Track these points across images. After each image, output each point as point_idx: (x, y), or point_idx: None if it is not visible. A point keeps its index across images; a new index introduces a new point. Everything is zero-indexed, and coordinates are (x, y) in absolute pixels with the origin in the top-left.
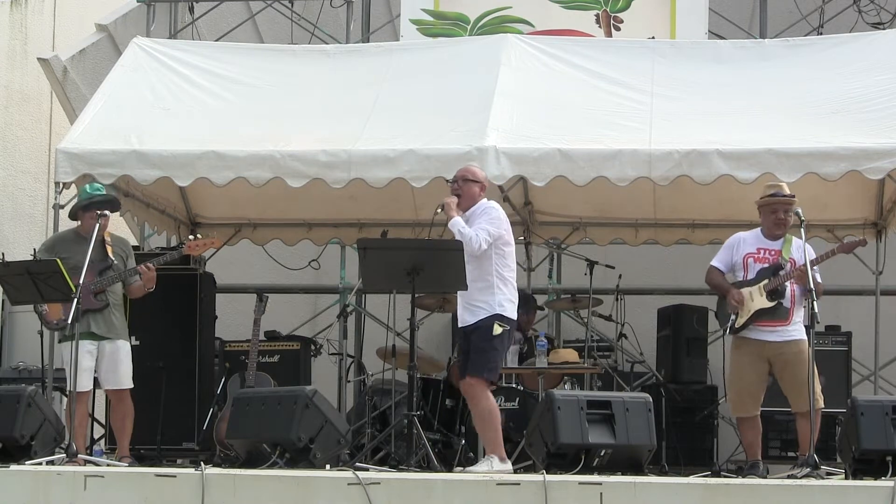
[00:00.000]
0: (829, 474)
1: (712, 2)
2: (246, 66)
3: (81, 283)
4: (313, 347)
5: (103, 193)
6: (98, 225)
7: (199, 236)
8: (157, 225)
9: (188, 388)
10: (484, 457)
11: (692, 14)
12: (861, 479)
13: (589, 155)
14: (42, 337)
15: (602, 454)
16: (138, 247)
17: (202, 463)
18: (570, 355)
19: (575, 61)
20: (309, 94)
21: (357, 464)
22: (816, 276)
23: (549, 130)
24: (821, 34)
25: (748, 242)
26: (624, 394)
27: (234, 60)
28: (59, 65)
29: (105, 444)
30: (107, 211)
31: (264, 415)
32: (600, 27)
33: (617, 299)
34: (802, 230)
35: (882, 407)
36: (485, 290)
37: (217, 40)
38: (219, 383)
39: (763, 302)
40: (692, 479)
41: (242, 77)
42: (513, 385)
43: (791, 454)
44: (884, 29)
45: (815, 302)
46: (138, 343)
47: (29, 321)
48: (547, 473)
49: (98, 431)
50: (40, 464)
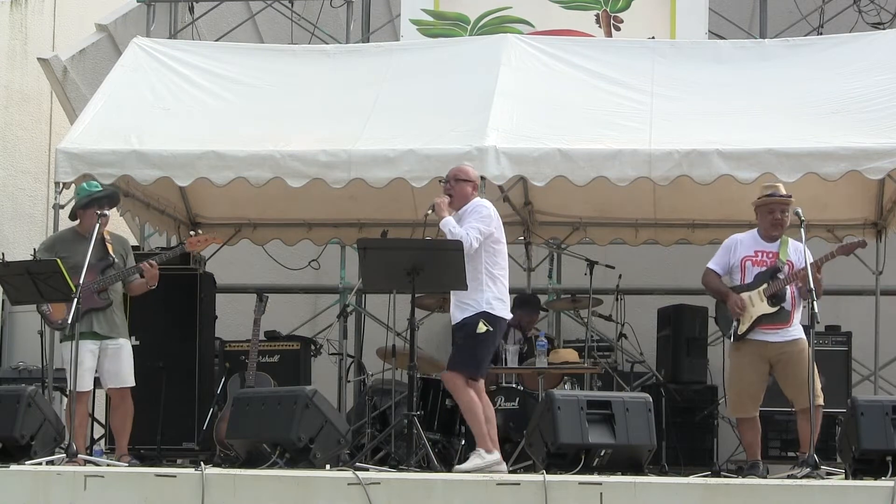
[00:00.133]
0: (829, 474)
1: (712, 2)
2: (246, 66)
3: (83, 283)
4: (313, 347)
5: (101, 189)
6: (98, 224)
7: (200, 232)
8: (157, 225)
9: (188, 388)
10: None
11: (692, 14)
12: (861, 479)
13: (589, 155)
14: (42, 337)
15: (602, 454)
16: (138, 246)
17: (202, 463)
18: (570, 355)
19: (575, 61)
20: (309, 94)
21: (357, 464)
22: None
23: (549, 130)
24: (821, 34)
25: (745, 245)
26: (624, 394)
27: (234, 60)
28: (59, 65)
29: (105, 444)
30: (106, 210)
31: (264, 415)
32: (600, 27)
33: (617, 299)
34: (802, 230)
35: (882, 407)
36: (474, 288)
37: (217, 40)
38: (219, 383)
39: (765, 307)
40: (692, 479)
41: (242, 77)
42: (513, 385)
43: (791, 454)
44: (884, 29)
45: (816, 302)
46: (138, 343)
47: (29, 321)
48: (547, 473)
49: (98, 431)
50: (40, 464)
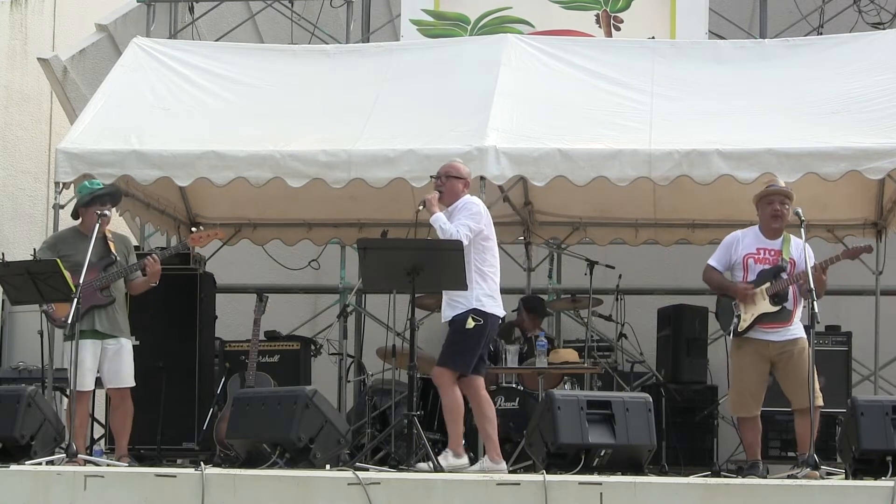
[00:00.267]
0: (829, 474)
1: (712, 2)
2: (246, 66)
3: (84, 281)
4: (313, 347)
5: (102, 187)
6: (99, 223)
7: (203, 228)
8: (157, 225)
9: (188, 388)
10: (484, 456)
11: (692, 14)
12: (861, 479)
13: (589, 155)
14: (42, 337)
15: (602, 454)
16: (138, 246)
17: (202, 463)
18: (570, 355)
19: (575, 61)
20: (309, 94)
21: (357, 464)
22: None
23: (549, 130)
24: (821, 34)
25: (746, 242)
26: (624, 394)
27: (234, 60)
28: (59, 65)
29: (105, 444)
30: (107, 210)
31: (264, 415)
32: (600, 27)
33: (617, 299)
34: (802, 230)
35: (882, 407)
36: None
37: (217, 40)
38: (219, 383)
39: (766, 306)
40: (692, 479)
41: (242, 77)
42: (513, 385)
43: (791, 454)
44: (884, 29)
45: (816, 302)
46: (138, 343)
47: (29, 321)
48: (547, 473)
49: (98, 431)
50: (40, 464)
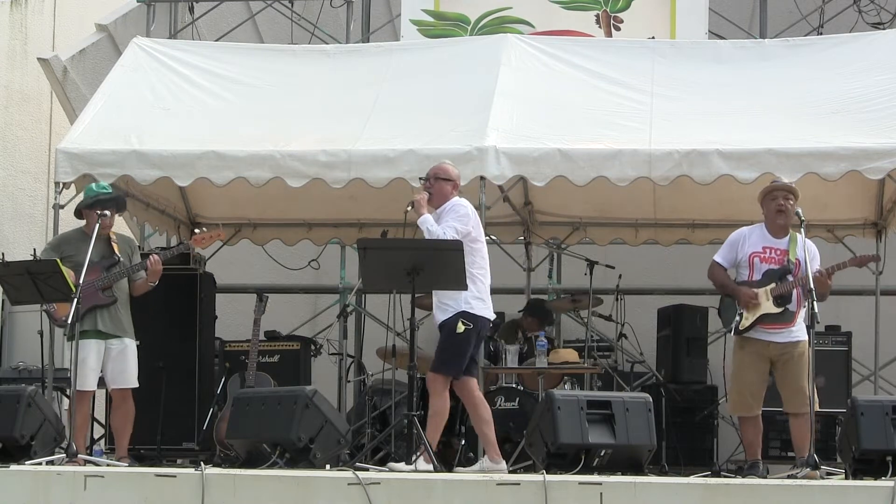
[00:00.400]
0: (829, 474)
1: (712, 2)
2: (246, 66)
3: (85, 281)
4: (313, 347)
5: (108, 192)
6: (98, 224)
7: (206, 229)
8: (157, 225)
9: (188, 388)
10: (484, 456)
11: (692, 14)
12: (861, 479)
13: (589, 155)
14: (42, 337)
15: (602, 454)
16: (139, 247)
17: (202, 463)
18: (570, 355)
19: (575, 61)
20: (309, 94)
21: (357, 464)
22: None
23: (549, 130)
24: (821, 34)
25: (753, 241)
26: (624, 394)
27: (234, 60)
28: (59, 65)
29: (105, 444)
30: (107, 211)
31: (264, 415)
32: (600, 27)
33: (617, 299)
34: (802, 230)
35: (882, 407)
36: None
37: (217, 40)
38: (219, 383)
39: (770, 307)
40: (692, 479)
41: (242, 77)
42: (513, 385)
43: (791, 454)
44: (884, 29)
45: (815, 302)
46: (138, 343)
47: (29, 321)
48: (547, 473)
49: (98, 431)
50: (40, 464)
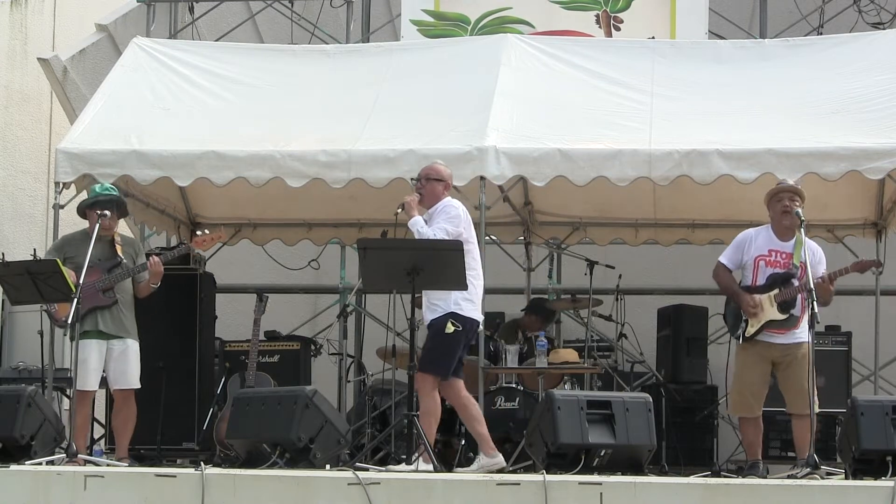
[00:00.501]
0: (829, 474)
1: (712, 2)
2: (246, 66)
3: (85, 282)
4: (313, 347)
5: (110, 193)
6: (98, 224)
7: (207, 231)
8: (157, 225)
9: (188, 388)
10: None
11: (692, 14)
12: (861, 479)
13: (589, 155)
14: (42, 337)
15: (602, 454)
16: None
17: (202, 463)
18: (570, 355)
19: (575, 61)
20: (309, 94)
21: (357, 464)
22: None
23: (549, 130)
24: (821, 34)
25: (759, 243)
26: (624, 394)
27: (234, 60)
28: (59, 65)
29: (105, 444)
30: (107, 211)
31: (264, 415)
32: (600, 27)
33: (617, 299)
34: (802, 230)
35: (882, 407)
36: None
37: (217, 40)
38: (219, 383)
39: (774, 314)
40: (692, 479)
41: (242, 77)
42: (513, 385)
43: (791, 454)
44: (884, 29)
45: (816, 302)
46: (139, 343)
47: (29, 321)
48: (547, 473)
49: (98, 431)
50: (40, 464)
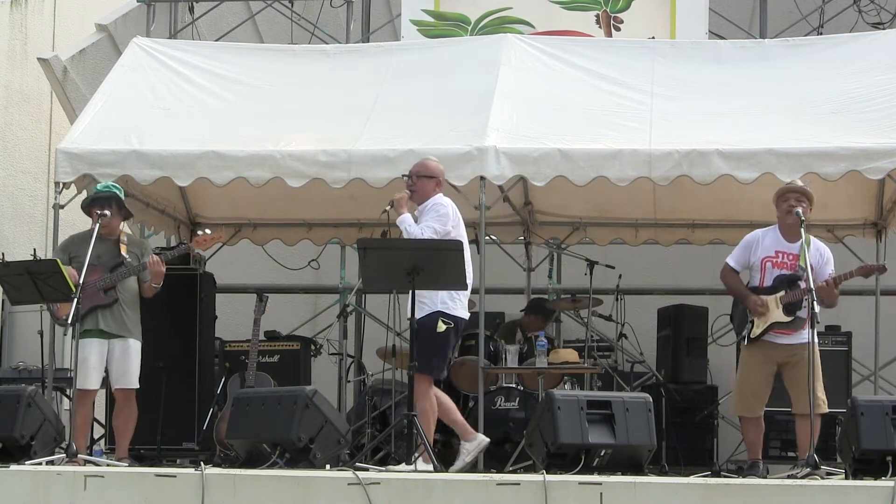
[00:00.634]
0: (829, 474)
1: (712, 2)
2: (246, 66)
3: (86, 281)
4: (313, 347)
5: (109, 190)
6: (98, 224)
7: (207, 231)
8: (157, 225)
9: (188, 388)
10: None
11: (692, 14)
12: (861, 479)
13: (589, 155)
14: (42, 337)
15: (602, 454)
16: None
17: (202, 463)
18: (570, 355)
19: (575, 61)
20: (309, 94)
21: (357, 464)
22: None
23: (549, 130)
24: (821, 34)
25: (766, 245)
26: (624, 394)
27: (234, 60)
28: (59, 65)
29: (105, 444)
30: (107, 211)
31: (264, 415)
32: (600, 27)
33: (617, 299)
34: (802, 230)
35: (882, 407)
36: None
37: (217, 40)
38: (219, 383)
39: (779, 315)
40: (692, 479)
41: (242, 77)
42: (513, 385)
43: (791, 454)
44: (884, 29)
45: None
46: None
47: (29, 321)
48: (547, 473)
49: (98, 431)
50: (40, 464)
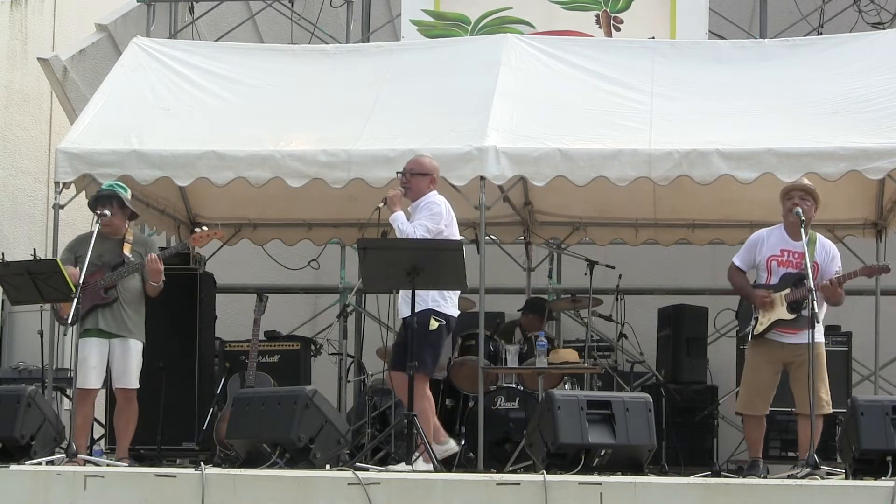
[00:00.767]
0: (829, 474)
1: (712, 2)
2: (246, 66)
3: (86, 281)
4: (313, 347)
5: (111, 189)
6: (98, 223)
7: (205, 228)
8: (157, 225)
9: (188, 388)
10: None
11: (692, 14)
12: (861, 479)
13: (589, 155)
14: (42, 337)
15: (602, 454)
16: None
17: (202, 463)
18: (570, 355)
19: (575, 61)
20: (309, 94)
21: (357, 464)
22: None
23: (549, 130)
24: (821, 34)
25: (771, 243)
26: (624, 394)
27: (234, 60)
28: (59, 65)
29: (105, 444)
30: (107, 211)
31: (264, 415)
32: (600, 27)
33: (617, 299)
34: (803, 230)
35: (882, 407)
36: None
37: (217, 40)
38: (219, 383)
39: (783, 313)
40: (692, 479)
41: (242, 77)
42: (513, 385)
43: (791, 454)
44: (884, 29)
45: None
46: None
47: (29, 321)
48: (547, 473)
49: (98, 431)
50: (40, 464)
